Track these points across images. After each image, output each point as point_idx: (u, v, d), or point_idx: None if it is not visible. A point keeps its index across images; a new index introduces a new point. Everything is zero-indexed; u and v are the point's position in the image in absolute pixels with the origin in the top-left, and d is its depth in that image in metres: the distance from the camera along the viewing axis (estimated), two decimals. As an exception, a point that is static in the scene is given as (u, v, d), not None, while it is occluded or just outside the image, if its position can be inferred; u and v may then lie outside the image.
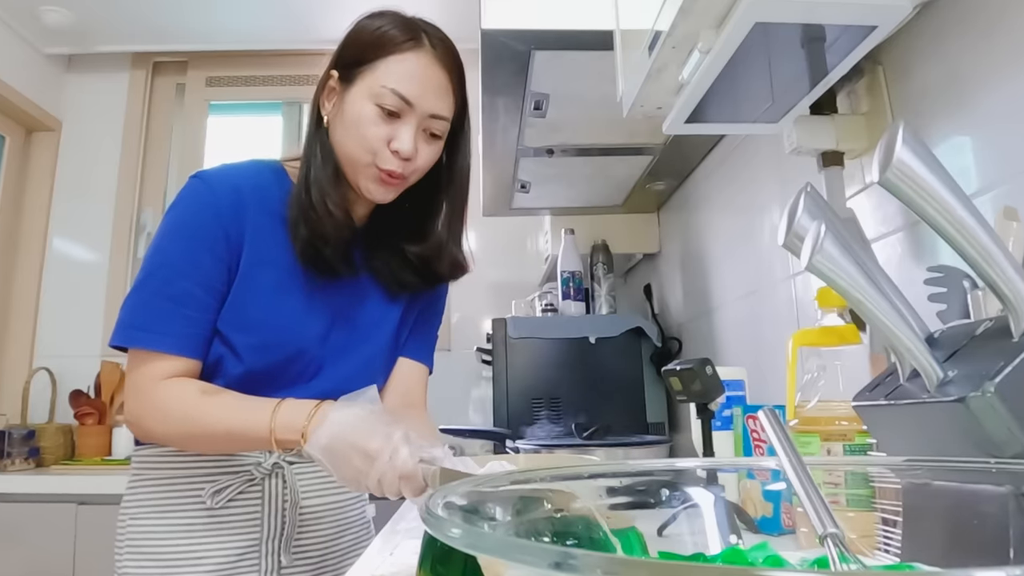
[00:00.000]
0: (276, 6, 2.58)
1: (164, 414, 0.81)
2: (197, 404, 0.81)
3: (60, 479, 2.06)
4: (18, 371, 2.57)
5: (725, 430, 1.04)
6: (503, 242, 2.75)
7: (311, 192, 0.86)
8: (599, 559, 0.20)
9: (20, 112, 2.63)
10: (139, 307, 0.82)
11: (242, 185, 0.87)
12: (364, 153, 0.85)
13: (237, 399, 0.82)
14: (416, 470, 0.68)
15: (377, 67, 0.84)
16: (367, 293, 0.96)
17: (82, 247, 2.75)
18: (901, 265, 0.90)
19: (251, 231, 0.86)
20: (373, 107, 0.84)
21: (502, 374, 1.87)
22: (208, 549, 0.85)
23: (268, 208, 0.88)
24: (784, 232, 0.49)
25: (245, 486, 0.87)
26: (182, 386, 0.82)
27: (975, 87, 0.78)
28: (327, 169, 0.87)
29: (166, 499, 0.87)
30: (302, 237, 0.86)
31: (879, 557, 0.40)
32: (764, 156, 1.36)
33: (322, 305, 0.90)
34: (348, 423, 0.72)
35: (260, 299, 0.86)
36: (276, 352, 0.87)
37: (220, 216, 0.84)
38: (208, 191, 0.85)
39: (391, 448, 0.69)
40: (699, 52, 0.81)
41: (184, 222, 0.84)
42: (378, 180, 0.86)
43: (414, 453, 0.69)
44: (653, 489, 0.43)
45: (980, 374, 0.41)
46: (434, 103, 0.86)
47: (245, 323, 0.85)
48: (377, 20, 0.87)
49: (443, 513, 0.29)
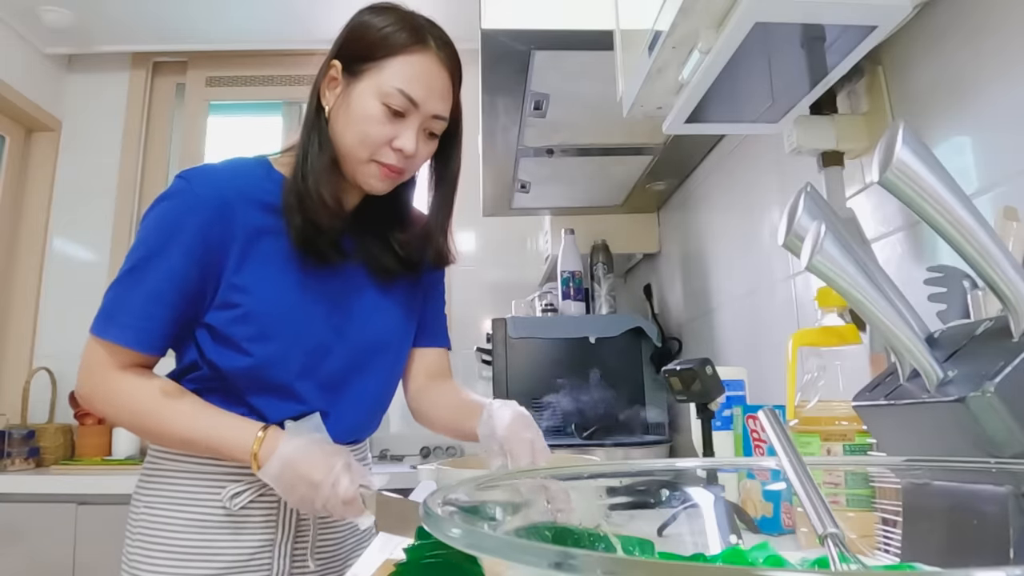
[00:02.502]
0: (276, 6, 2.58)
1: (122, 405, 0.85)
2: (155, 404, 0.84)
3: (60, 479, 2.06)
4: (18, 371, 2.58)
5: (725, 430, 1.05)
6: (503, 242, 2.75)
7: (307, 180, 0.87)
8: (599, 559, 0.20)
9: (20, 112, 2.63)
10: (112, 299, 0.85)
11: (227, 184, 0.88)
12: (365, 148, 0.87)
13: (194, 409, 0.84)
14: (355, 495, 0.77)
15: (384, 66, 0.86)
16: (363, 282, 0.98)
17: (82, 247, 2.75)
18: (901, 265, 0.90)
19: (242, 228, 0.87)
20: (380, 105, 0.86)
21: (502, 374, 1.87)
22: (222, 545, 0.87)
23: (258, 202, 0.89)
24: (784, 232, 0.49)
25: (264, 489, 0.89)
26: (141, 382, 0.85)
27: (975, 87, 0.78)
28: (324, 158, 0.89)
29: (183, 493, 0.88)
30: (296, 224, 0.87)
31: (879, 557, 0.40)
32: (764, 156, 1.36)
33: (319, 293, 0.92)
34: (295, 456, 0.79)
35: (257, 292, 0.87)
36: (277, 340, 0.88)
37: (200, 216, 0.85)
38: (190, 191, 0.86)
39: (333, 478, 0.77)
40: (699, 52, 0.81)
41: (164, 220, 0.85)
42: (377, 174, 0.89)
43: (354, 480, 0.78)
44: (653, 489, 0.43)
45: (980, 374, 0.41)
46: (437, 104, 0.89)
47: (245, 316, 0.86)
48: (382, 17, 0.88)
49: (443, 513, 0.29)
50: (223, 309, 0.86)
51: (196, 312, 0.86)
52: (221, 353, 0.86)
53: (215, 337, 0.86)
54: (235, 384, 0.87)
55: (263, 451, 0.80)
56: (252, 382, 0.86)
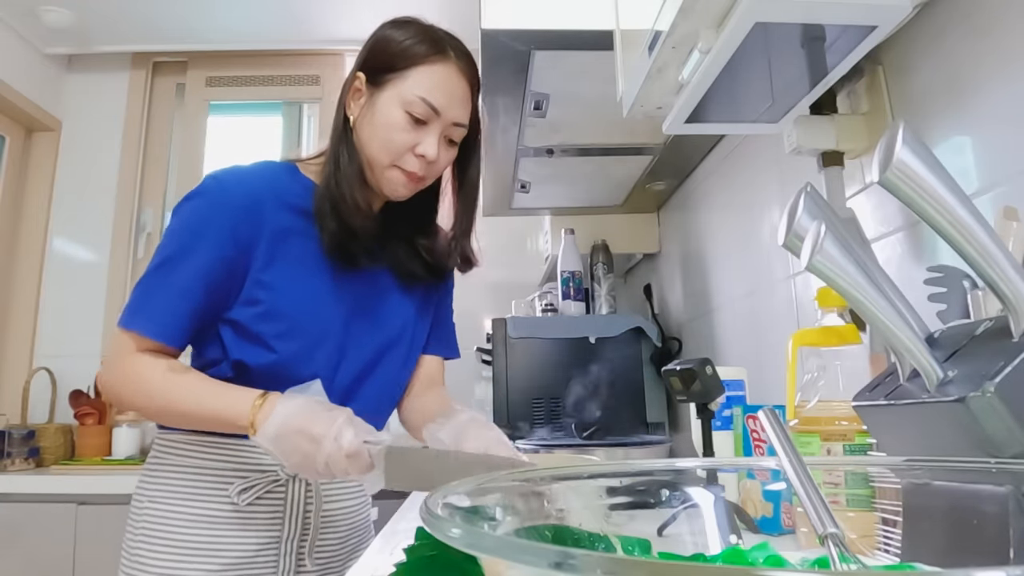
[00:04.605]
0: (276, 6, 2.57)
1: (136, 385, 0.85)
2: (163, 381, 0.84)
3: (60, 479, 2.06)
4: (18, 371, 2.57)
5: (725, 430, 1.04)
6: (503, 242, 2.75)
7: (341, 187, 0.90)
8: (599, 559, 0.20)
9: (20, 112, 2.63)
10: (140, 294, 0.86)
11: (257, 185, 0.90)
12: (388, 155, 0.90)
13: (198, 382, 0.85)
14: (361, 449, 0.74)
15: (407, 76, 0.89)
16: (385, 285, 1.00)
17: (82, 247, 2.75)
18: (901, 265, 0.90)
19: (269, 228, 0.89)
20: (403, 114, 0.89)
21: (502, 374, 1.87)
22: (227, 541, 0.87)
23: (287, 204, 0.91)
24: (784, 232, 0.49)
25: (272, 486, 0.89)
26: (152, 361, 0.85)
27: (975, 87, 0.78)
28: (354, 166, 0.92)
29: (189, 487, 0.88)
30: (330, 230, 0.90)
31: (879, 557, 0.40)
32: (764, 156, 1.36)
33: (343, 294, 0.94)
34: (293, 412, 0.77)
35: (284, 289, 0.89)
36: (302, 338, 0.89)
37: (231, 216, 0.87)
38: (220, 191, 0.88)
39: (335, 430, 0.74)
40: (699, 52, 0.81)
41: (194, 217, 0.87)
42: (399, 180, 0.92)
43: (359, 434, 0.75)
44: (653, 489, 0.43)
45: (980, 374, 0.41)
46: (458, 112, 0.92)
47: (270, 313, 0.88)
48: (403, 31, 0.92)
49: (443, 513, 0.29)
50: (248, 305, 0.87)
51: (220, 308, 0.88)
52: (246, 349, 0.87)
53: (241, 333, 0.88)
54: (256, 381, 0.87)
55: (260, 415, 0.78)
56: (273, 379, 0.86)
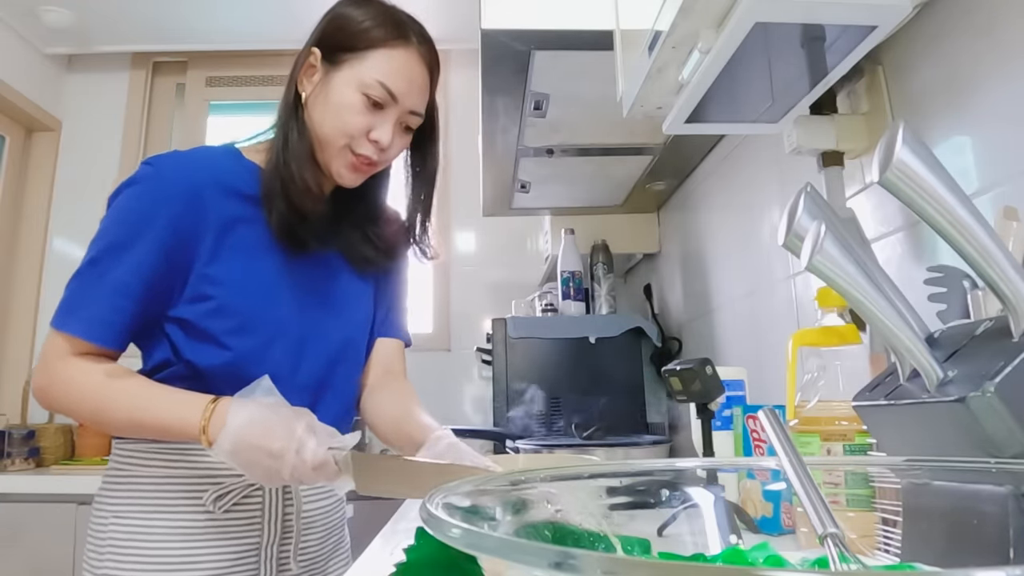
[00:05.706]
0: (276, 6, 2.57)
1: (66, 389, 0.80)
2: (99, 387, 0.79)
3: (60, 479, 2.06)
4: (18, 371, 2.57)
5: (725, 430, 1.04)
6: (503, 242, 2.75)
7: (290, 166, 0.86)
8: (599, 559, 0.20)
9: (20, 112, 2.63)
10: (73, 292, 0.82)
11: (197, 171, 0.85)
12: (341, 137, 0.87)
13: (139, 387, 0.80)
14: (327, 457, 0.71)
15: (366, 58, 0.86)
16: (336, 269, 0.96)
17: (82, 247, 2.72)
18: (901, 265, 0.90)
19: (214, 218, 0.84)
20: (359, 96, 0.86)
21: (502, 374, 1.87)
22: (204, 553, 0.83)
23: (231, 190, 0.87)
24: (784, 232, 0.49)
25: (248, 490, 0.85)
26: (87, 366, 0.80)
27: (975, 87, 0.78)
28: (304, 144, 0.88)
29: (157, 499, 0.83)
30: (279, 211, 0.86)
31: (879, 557, 0.40)
32: (764, 156, 1.36)
33: (292, 280, 0.90)
34: (247, 425, 0.72)
35: (233, 283, 0.85)
36: (256, 333, 0.85)
37: (169, 205, 0.81)
38: (157, 177, 0.83)
39: (296, 443, 0.71)
40: (699, 52, 0.81)
41: (131, 209, 0.82)
42: (350, 165, 0.88)
43: (321, 442, 0.72)
44: (653, 489, 0.43)
45: (980, 374, 0.41)
46: (416, 100, 0.89)
47: (221, 309, 0.83)
48: (364, 10, 0.88)
49: (443, 513, 0.29)
50: (196, 302, 0.83)
51: (163, 305, 0.83)
52: (198, 348, 0.83)
53: (190, 332, 0.83)
54: (211, 382, 0.82)
55: (213, 425, 0.73)
56: (229, 379, 0.81)
